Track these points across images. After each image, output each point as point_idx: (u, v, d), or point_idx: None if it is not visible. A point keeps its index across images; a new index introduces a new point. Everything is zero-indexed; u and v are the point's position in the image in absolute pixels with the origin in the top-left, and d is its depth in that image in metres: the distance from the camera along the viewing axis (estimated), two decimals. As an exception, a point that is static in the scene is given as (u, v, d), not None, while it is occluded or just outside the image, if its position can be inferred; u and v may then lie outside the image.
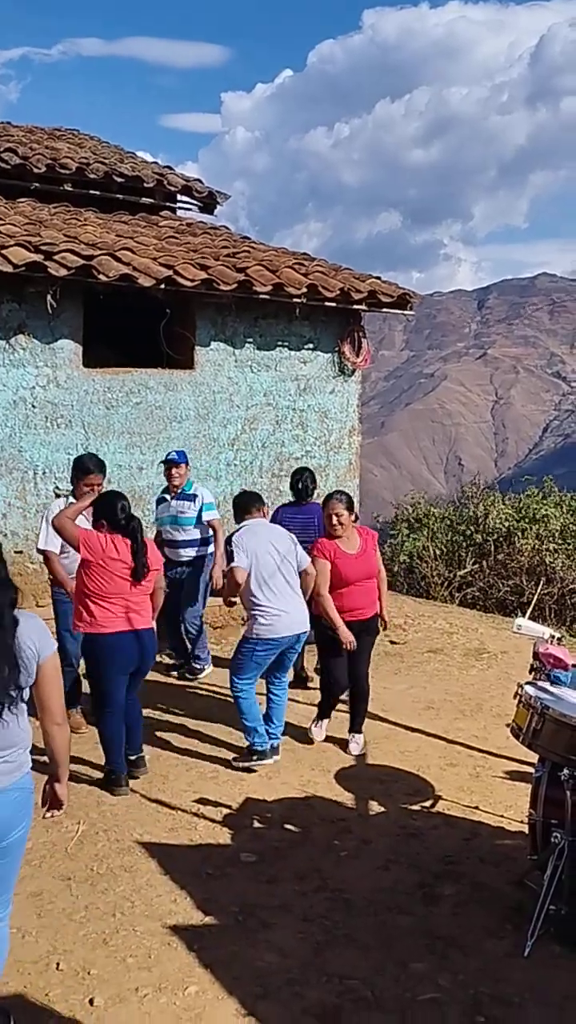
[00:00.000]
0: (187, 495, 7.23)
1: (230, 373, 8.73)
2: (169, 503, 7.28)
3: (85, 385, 7.86)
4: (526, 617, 5.37)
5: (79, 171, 10.09)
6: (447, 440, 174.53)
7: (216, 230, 10.54)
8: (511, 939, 3.98)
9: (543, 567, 11.35)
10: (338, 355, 9.39)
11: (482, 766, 5.91)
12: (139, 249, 8.19)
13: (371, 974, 3.72)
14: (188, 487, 7.28)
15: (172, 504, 7.25)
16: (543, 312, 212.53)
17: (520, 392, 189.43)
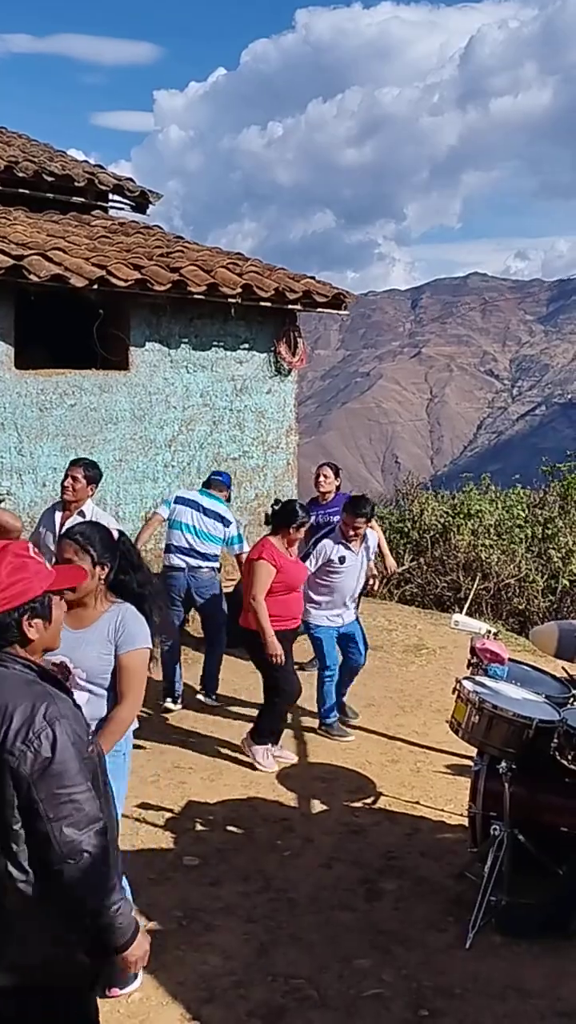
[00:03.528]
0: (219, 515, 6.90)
1: (166, 374, 8.68)
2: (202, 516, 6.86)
3: (17, 387, 7.73)
4: (463, 613, 5.45)
5: (7, 169, 9.91)
6: (384, 438, 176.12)
7: (149, 230, 10.47)
8: (453, 931, 4.03)
9: (479, 563, 11.52)
10: (274, 355, 9.39)
11: (423, 761, 5.98)
12: (71, 249, 8.08)
13: (315, 972, 3.73)
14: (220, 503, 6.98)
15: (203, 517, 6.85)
16: (475, 311, 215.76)
17: (454, 390, 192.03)
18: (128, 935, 2.29)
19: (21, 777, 2.15)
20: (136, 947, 2.32)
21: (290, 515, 5.79)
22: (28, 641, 2.34)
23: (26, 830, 2.18)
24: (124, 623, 3.40)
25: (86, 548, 3.34)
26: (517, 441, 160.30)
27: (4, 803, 2.17)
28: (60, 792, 2.17)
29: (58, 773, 2.17)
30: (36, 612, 2.34)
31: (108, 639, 3.36)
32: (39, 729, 2.18)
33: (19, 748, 2.16)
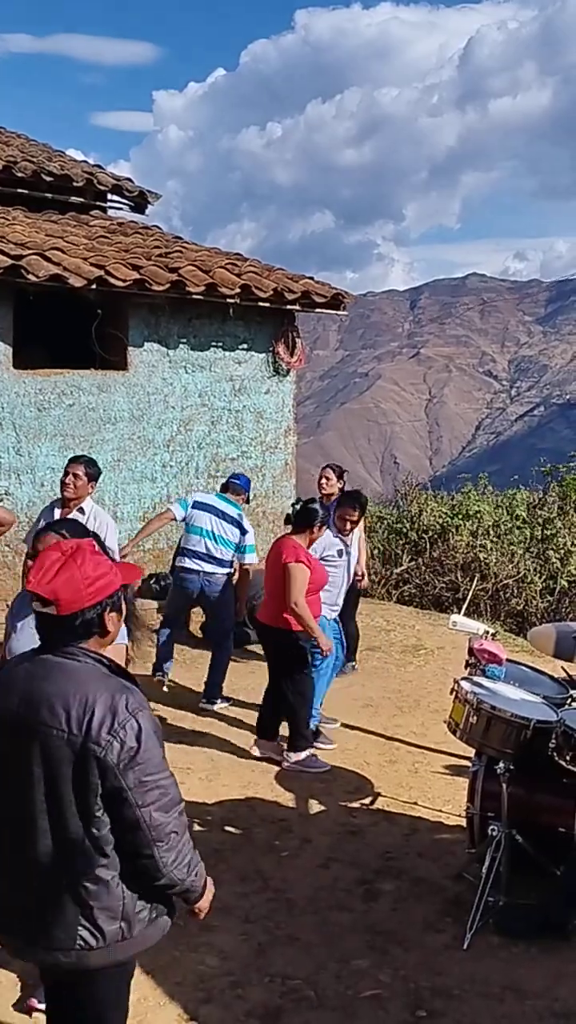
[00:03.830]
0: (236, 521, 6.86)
1: (164, 374, 8.68)
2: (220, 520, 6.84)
3: (16, 387, 7.73)
4: (461, 613, 5.44)
5: (6, 169, 9.91)
6: (382, 439, 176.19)
7: (148, 230, 10.47)
8: (451, 932, 4.03)
9: (477, 563, 11.52)
10: (273, 355, 9.40)
11: (421, 762, 5.97)
12: (69, 249, 8.09)
13: (313, 973, 3.73)
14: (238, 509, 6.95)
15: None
16: (474, 312, 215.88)
17: (453, 391, 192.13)
18: (201, 890, 2.49)
19: (107, 766, 2.23)
20: (205, 900, 2.52)
21: (311, 515, 5.79)
22: (107, 633, 2.42)
23: (111, 816, 2.27)
24: None
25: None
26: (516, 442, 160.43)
27: (88, 791, 2.25)
28: (147, 779, 2.27)
29: (145, 761, 2.27)
30: (114, 606, 2.43)
31: None
32: (123, 720, 2.27)
33: (105, 738, 2.24)
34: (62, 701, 2.28)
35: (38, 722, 2.28)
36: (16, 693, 2.36)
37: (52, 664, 2.36)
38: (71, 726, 2.25)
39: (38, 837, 2.29)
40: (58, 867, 2.29)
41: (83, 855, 2.27)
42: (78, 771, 2.24)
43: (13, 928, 2.38)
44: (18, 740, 2.31)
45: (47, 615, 2.35)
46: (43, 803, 2.27)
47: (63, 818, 2.27)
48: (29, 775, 2.28)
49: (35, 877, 2.31)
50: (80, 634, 2.37)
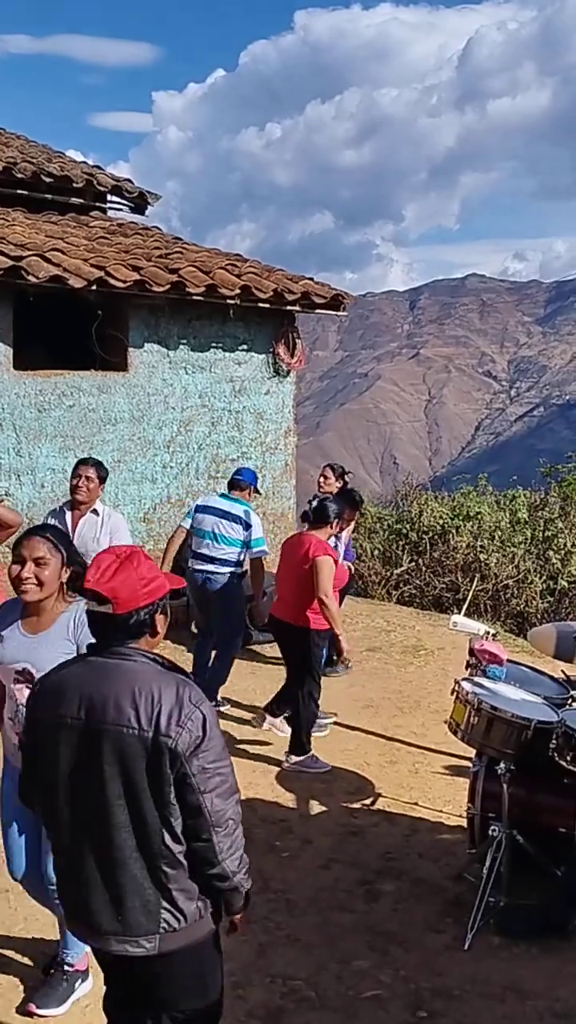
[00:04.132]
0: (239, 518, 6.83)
1: (164, 375, 8.68)
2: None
3: (16, 388, 7.73)
4: (462, 614, 5.45)
5: (6, 170, 9.92)
6: (382, 439, 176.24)
7: (148, 231, 10.47)
8: (451, 932, 4.03)
9: (478, 564, 11.52)
10: (273, 356, 9.40)
11: (421, 762, 5.98)
12: (69, 250, 8.09)
13: (314, 973, 3.73)
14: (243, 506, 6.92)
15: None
16: (474, 312, 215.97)
17: (452, 391, 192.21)
18: (243, 899, 2.57)
19: (177, 755, 2.35)
20: (245, 910, 2.61)
21: (327, 511, 5.83)
22: (156, 633, 2.54)
23: (179, 803, 2.38)
24: (83, 620, 3.26)
25: (58, 547, 3.28)
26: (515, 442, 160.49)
27: (163, 781, 2.35)
28: (209, 767, 2.39)
29: (208, 749, 2.39)
30: (163, 608, 2.55)
31: (68, 638, 3.30)
32: (189, 711, 2.38)
33: (175, 730, 2.35)
34: (128, 699, 2.37)
35: (106, 722, 2.37)
36: (74, 698, 2.43)
37: (109, 666, 2.45)
38: (141, 722, 2.35)
39: (115, 831, 2.38)
40: (138, 856, 2.40)
41: (161, 842, 2.39)
42: (152, 764, 2.35)
43: (96, 923, 2.46)
44: (85, 743, 2.40)
45: (102, 614, 2.45)
46: (119, 798, 2.37)
47: (140, 810, 2.37)
48: (101, 773, 2.37)
49: (115, 869, 2.41)
50: (133, 633, 2.48)
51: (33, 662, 3.25)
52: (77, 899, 2.48)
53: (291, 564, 5.82)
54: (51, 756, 2.45)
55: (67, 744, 2.42)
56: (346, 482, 7.76)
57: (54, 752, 2.45)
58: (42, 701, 2.51)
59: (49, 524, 3.52)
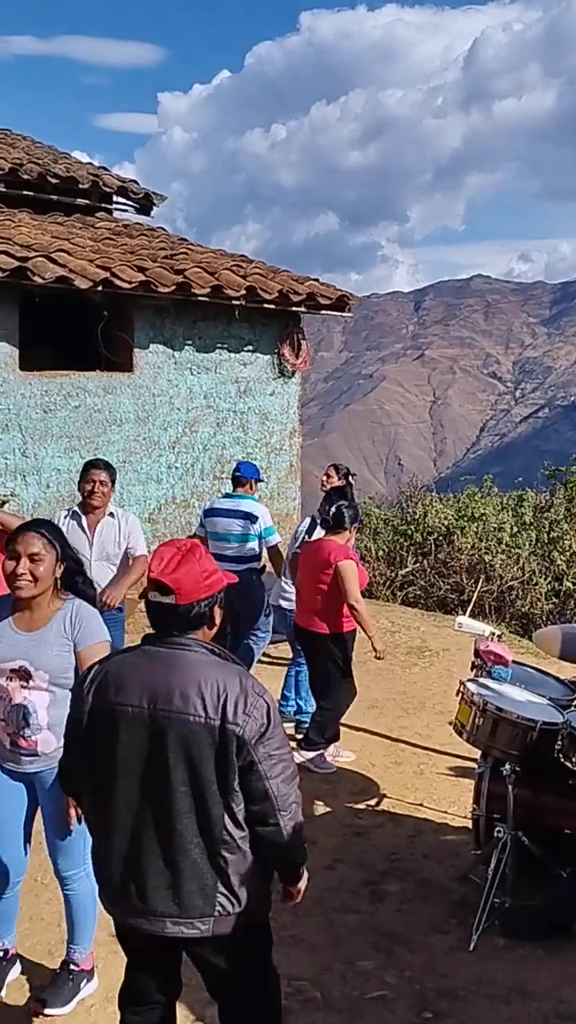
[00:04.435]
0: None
1: (169, 375, 8.69)
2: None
3: (22, 389, 7.75)
4: (467, 615, 5.44)
5: (12, 171, 9.95)
6: (387, 440, 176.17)
7: (153, 231, 10.49)
8: (456, 933, 4.03)
9: (483, 565, 11.51)
10: (278, 357, 9.41)
11: (426, 763, 5.97)
12: (75, 251, 8.10)
13: (319, 974, 3.73)
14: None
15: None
16: (478, 313, 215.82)
17: (457, 392, 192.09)
18: (303, 869, 2.70)
19: (244, 743, 2.43)
20: (303, 881, 2.74)
21: (342, 517, 5.84)
22: (213, 625, 2.61)
23: (243, 789, 2.46)
24: (80, 618, 3.33)
25: (53, 543, 3.27)
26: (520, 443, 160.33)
27: (228, 769, 2.43)
28: (275, 754, 2.48)
29: (273, 736, 2.48)
30: (220, 601, 2.63)
31: (65, 636, 3.29)
32: (254, 700, 2.47)
33: (241, 718, 2.43)
34: (194, 689, 2.44)
35: (171, 711, 2.43)
36: (134, 688, 2.49)
37: (171, 656, 2.51)
38: (207, 711, 2.42)
39: (178, 817, 2.45)
40: (199, 842, 2.46)
41: (224, 828, 2.46)
42: (220, 751, 2.42)
43: (152, 905, 2.51)
44: (148, 731, 2.45)
45: (164, 605, 2.51)
46: (183, 785, 2.44)
47: (204, 797, 2.44)
48: (165, 761, 2.44)
49: (176, 854, 2.47)
50: (193, 624, 2.55)
51: (30, 660, 3.24)
52: (132, 883, 2.52)
53: (312, 571, 5.81)
54: (109, 744, 2.50)
55: (128, 732, 2.47)
56: (349, 483, 7.76)
57: (112, 740, 2.49)
58: (101, 690, 2.54)
59: (44, 520, 3.50)
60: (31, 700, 3.25)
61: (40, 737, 3.28)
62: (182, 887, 2.48)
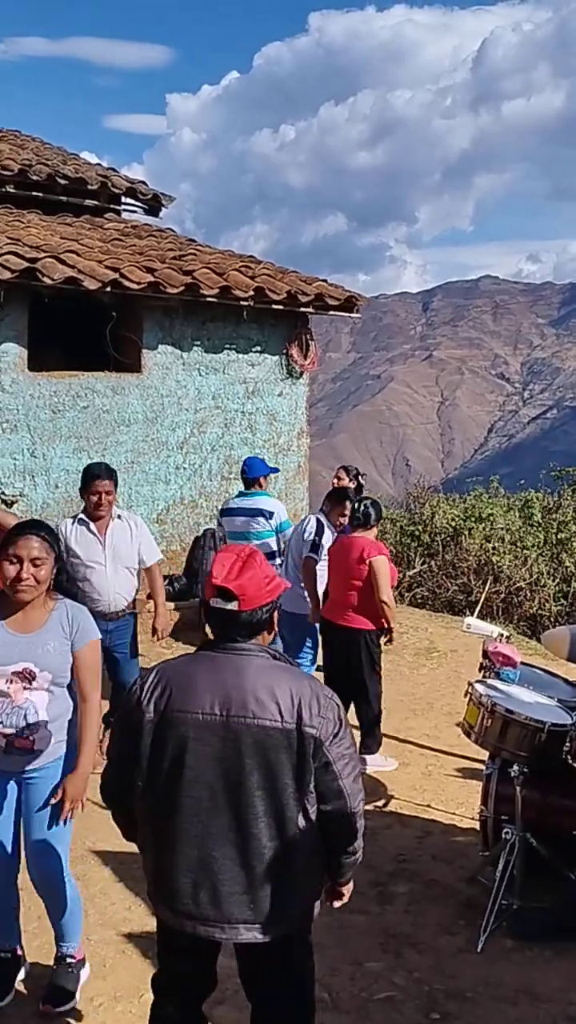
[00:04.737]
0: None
1: (178, 376, 8.70)
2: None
3: (31, 389, 7.77)
4: (475, 616, 5.44)
5: (21, 172, 9.97)
6: (394, 441, 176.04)
7: (162, 232, 10.50)
8: (464, 935, 4.02)
9: (490, 566, 11.50)
10: (286, 357, 9.41)
11: (434, 764, 5.97)
12: (84, 251, 8.12)
13: (327, 975, 3.73)
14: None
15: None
16: (487, 314, 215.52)
17: (465, 393, 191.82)
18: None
19: (320, 744, 2.48)
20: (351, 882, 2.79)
21: (369, 514, 5.93)
22: (272, 630, 2.65)
23: (316, 789, 2.51)
24: (75, 617, 3.37)
25: (52, 545, 3.28)
26: (528, 444, 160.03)
27: (305, 771, 2.48)
28: (346, 752, 2.54)
29: (345, 736, 2.54)
30: (279, 606, 2.67)
31: (64, 636, 3.32)
32: (326, 702, 2.53)
33: (317, 720, 2.48)
34: (267, 694, 2.47)
35: (246, 717, 2.46)
36: (205, 696, 2.49)
37: (237, 662, 2.53)
38: (283, 715, 2.46)
39: (254, 821, 2.47)
40: (273, 846, 2.49)
41: (299, 831, 2.50)
42: (298, 754, 2.46)
43: (227, 912, 2.52)
44: (220, 739, 2.47)
45: (228, 611, 2.53)
46: (258, 789, 2.46)
47: (280, 800, 2.47)
48: (241, 767, 2.46)
49: (252, 859, 2.49)
50: (256, 630, 2.58)
51: (35, 661, 3.25)
52: (202, 892, 2.51)
53: (343, 567, 5.85)
54: (177, 754, 2.49)
55: (199, 741, 2.47)
56: (360, 484, 7.76)
57: (181, 750, 2.48)
58: (164, 699, 2.52)
59: (39, 521, 3.51)
60: (32, 701, 3.27)
61: (38, 736, 3.30)
62: (258, 892, 2.50)
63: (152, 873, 2.63)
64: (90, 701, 3.42)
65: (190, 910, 2.54)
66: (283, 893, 2.52)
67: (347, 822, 2.55)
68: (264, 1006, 2.73)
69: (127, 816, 2.71)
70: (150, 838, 2.61)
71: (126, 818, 2.72)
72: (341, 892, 2.78)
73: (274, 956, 2.61)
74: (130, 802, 2.64)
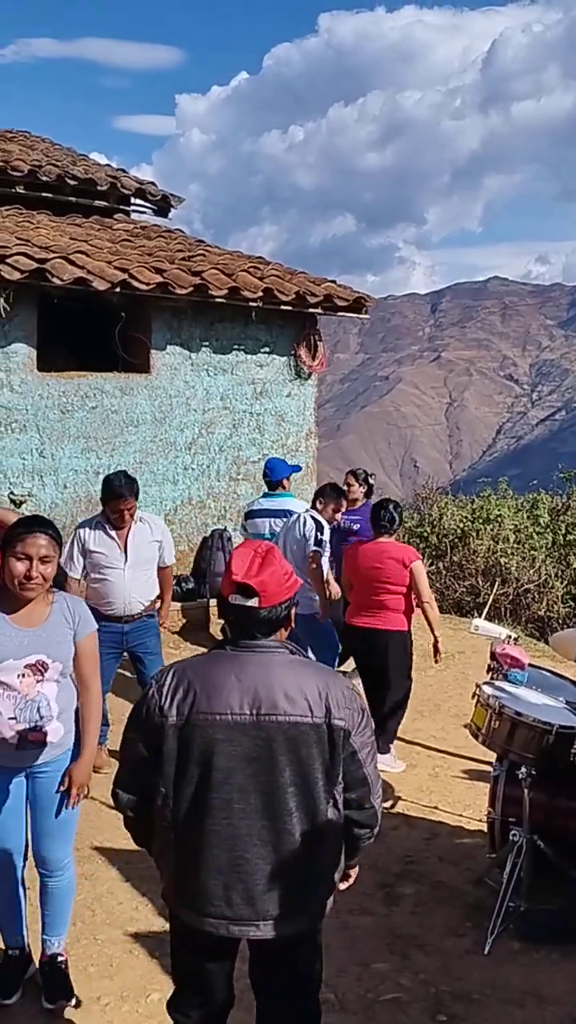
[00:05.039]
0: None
1: (186, 377, 8.71)
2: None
3: (40, 389, 7.78)
4: (483, 618, 5.44)
5: (31, 173, 10.00)
6: (402, 442, 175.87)
7: (171, 233, 10.52)
8: (471, 937, 4.02)
9: (498, 568, 11.48)
10: (294, 358, 9.41)
11: (441, 766, 5.96)
12: (93, 252, 8.13)
13: (333, 976, 3.72)
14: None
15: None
16: (495, 315, 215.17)
17: (473, 394, 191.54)
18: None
19: (348, 735, 2.51)
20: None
21: (394, 520, 6.00)
22: (290, 626, 2.65)
23: (343, 778, 2.54)
24: (75, 609, 3.42)
25: (58, 542, 3.31)
26: (537, 446, 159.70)
27: (335, 762, 2.51)
28: (368, 741, 2.59)
29: (366, 725, 2.59)
30: (297, 602, 2.71)
31: (68, 627, 3.37)
32: (349, 694, 2.56)
33: (345, 712, 2.51)
34: (295, 689, 2.48)
35: (278, 713, 2.46)
36: (232, 695, 2.47)
37: (261, 659, 2.53)
38: (313, 710, 2.47)
39: (287, 817, 2.48)
40: (304, 840, 2.50)
41: (328, 822, 2.52)
42: (330, 747, 2.49)
43: (261, 910, 2.52)
44: (252, 738, 2.46)
45: (247, 608, 2.51)
46: (291, 786, 2.47)
47: (311, 794, 2.49)
48: (274, 764, 2.46)
49: (285, 855, 2.49)
50: (276, 627, 2.57)
51: (47, 653, 3.30)
52: (234, 892, 2.50)
53: (374, 571, 5.87)
54: (205, 756, 2.47)
55: (229, 741, 2.46)
56: (370, 486, 7.79)
57: (209, 752, 2.46)
58: (188, 701, 2.49)
59: (42, 517, 3.54)
60: (44, 693, 3.31)
61: (51, 727, 3.33)
62: (290, 886, 2.51)
63: (174, 877, 2.58)
64: (92, 689, 3.49)
65: (222, 911, 2.51)
66: (312, 884, 2.56)
67: (370, 808, 2.60)
68: (273, 1004, 2.72)
69: (141, 822, 2.65)
70: (172, 843, 2.56)
71: (140, 824, 2.66)
72: (348, 874, 2.78)
73: (289, 952, 2.61)
74: (146, 807, 2.58)
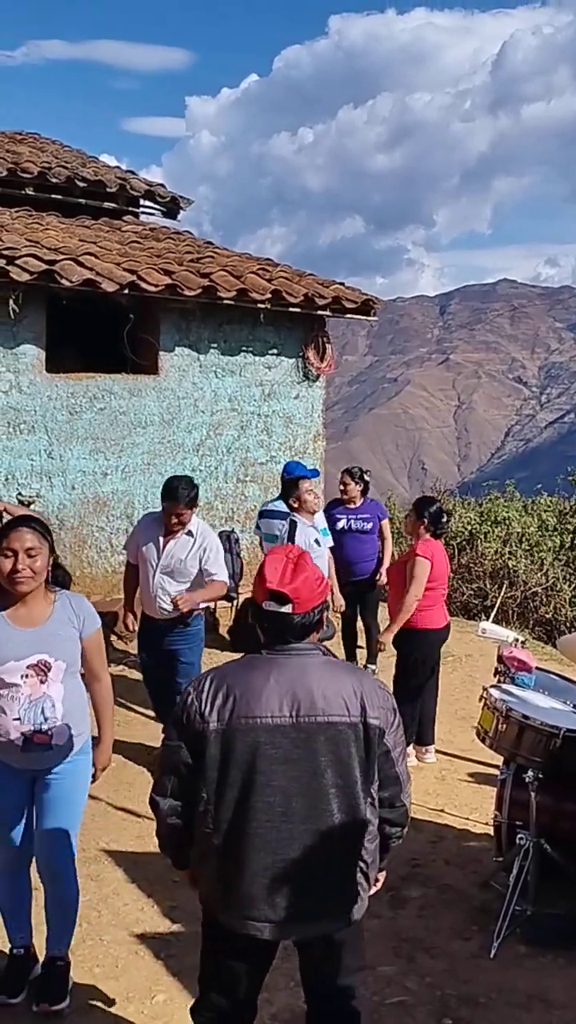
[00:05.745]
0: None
1: (195, 378, 8.72)
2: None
3: (48, 391, 7.80)
4: (490, 620, 5.42)
5: (41, 175, 10.03)
6: (411, 444, 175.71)
7: (180, 235, 10.53)
8: (477, 940, 4.01)
9: (506, 571, 11.45)
10: (302, 360, 9.41)
11: (447, 769, 5.95)
12: (102, 254, 8.15)
13: (339, 978, 3.72)
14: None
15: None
16: (504, 318, 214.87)
17: (482, 397, 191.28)
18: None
19: (383, 734, 2.56)
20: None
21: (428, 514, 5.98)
22: (321, 628, 2.67)
23: (379, 776, 2.58)
24: (79, 606, 3.41)
25: (44, 536, 3.31)
26: (545, 449, 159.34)
27: (371, 760, 2.55)
28: (399, 740, 2.62)
29: (398, 724, 2.62)
30: (328, 605, 2.77)
31: (73, 625, 3.36)
32: (383, 693, 2.61)
33: (379, 711, 2.56)
34: (333, 691, 2.52)
35: (317, 715, 2.49)
36: (272, 699, 2.50)
37: (297, 663, 2.56)
38: (351, 711, 2.51)
39: (327, 817, 2.52)
40: (344, 839, 2.54)
41: (365, 823, 2.56)
42: (366, 746, 2.53)
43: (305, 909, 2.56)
44: (292, 741, 2.49)
45: (280, 614, 2.55)
46: (332, 787, 2.51)
47: (351, 793, 2.52)
48: (315, 766, 2.50)
49: (325, 855, 2.52)
50: (307, 632, 2.60)
51: (49, 653, 3.29)
52: (278, 896, 2.52)
53: (400, 569, 5.94)
54: (248, 761, 2.48)
55: (271, 745, 2.48)
56: (367, 483, 7.83)
57: (252, 756, 2.48)
58: (229, 707, 2.50)
59: (32, 515, 3.55)
60: (49, 694, 3.30)
61: (56, 729, 3.32)
62: (333, 885, 2.56)
63: (216, 881, 2.59)
64: (102, 681, 3.54)
65: (266, 915, 2.54)
66: (353, 882, 2.59)
67: (401, 807, 2.64)
68: (324, 1004, 2.78)
69: (180, 829, 2.64)
70: (213, 848, 2.56)
71: (178, 832, 2.65)
72: (377, 877, 2.80)
73: (335, 952, 2.67)
74: (188, 813, 2.59)
